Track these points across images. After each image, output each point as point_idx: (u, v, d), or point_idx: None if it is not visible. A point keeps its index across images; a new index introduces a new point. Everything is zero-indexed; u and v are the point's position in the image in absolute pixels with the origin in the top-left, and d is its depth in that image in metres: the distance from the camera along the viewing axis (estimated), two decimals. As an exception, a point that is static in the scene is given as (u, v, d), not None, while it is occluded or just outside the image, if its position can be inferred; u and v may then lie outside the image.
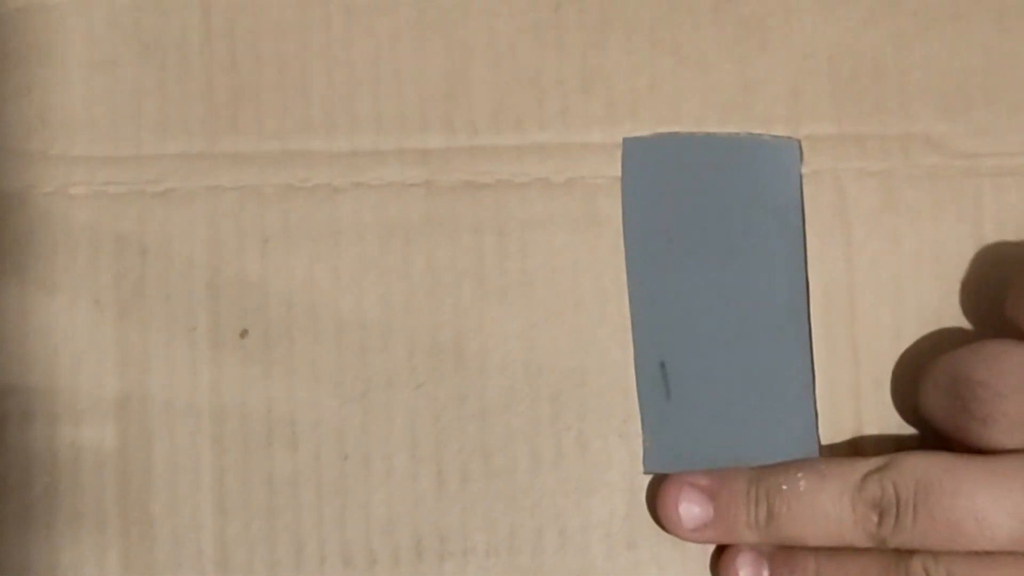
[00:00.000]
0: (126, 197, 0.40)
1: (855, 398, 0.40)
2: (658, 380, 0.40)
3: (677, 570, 0.40)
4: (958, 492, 0.37)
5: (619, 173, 0.41)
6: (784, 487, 0.38)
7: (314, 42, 0.40)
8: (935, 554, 0.37)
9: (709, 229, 0.41)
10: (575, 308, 0.40)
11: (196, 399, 0.39)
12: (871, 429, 0.40)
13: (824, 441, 0.40)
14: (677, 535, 0.39)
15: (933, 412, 0.38)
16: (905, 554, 0.37)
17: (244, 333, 0.39)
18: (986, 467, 0.37)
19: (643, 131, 0.41)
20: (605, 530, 0.40)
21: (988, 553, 0.37)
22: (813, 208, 0.41)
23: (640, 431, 0.40)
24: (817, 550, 0.39)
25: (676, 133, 0.41)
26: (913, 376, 0.40)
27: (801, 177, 0.41)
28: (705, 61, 0.41)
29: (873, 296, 0.41)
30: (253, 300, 0.40)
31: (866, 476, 0.38)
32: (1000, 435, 0.37)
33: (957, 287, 0.41)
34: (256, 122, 0.40)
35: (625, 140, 0.41)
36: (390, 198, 0.40)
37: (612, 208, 0.41)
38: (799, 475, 0.38)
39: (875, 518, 0.37)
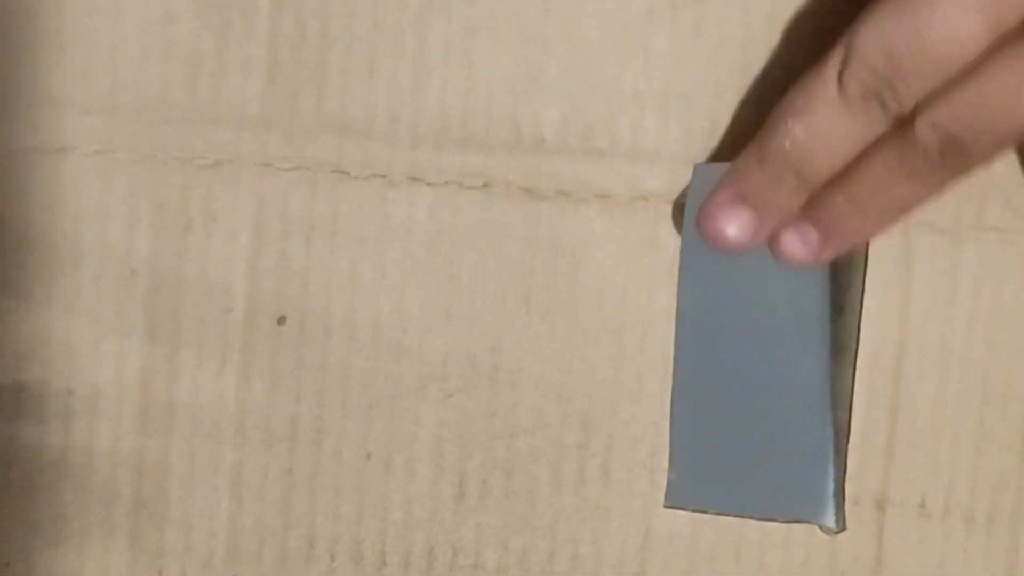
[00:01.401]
0: (172, 165, 0.38)
1: (887, 456, 0.40)
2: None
3: (682, 605, 0.40)
4: (918, 29, 0.35)
5: (684, 199, 0.39)
6: (787, 144, 0.37)
7: (386, 24, 0.38)
8: (932, 103, 0.35)
9: (766, 269, 0.39)
10: (617, 334, 0.39)
11: (223, 382, 0.38)
12: (897, 490, 0.40)
13: (849, 494, 0.40)
14: (740, 250, 0.38)
15: None
16: (907, 125, 0.36)
17: (282, 320, 0.38)
18: None
19: (716, 158, 0.39)
20: (617, 559, 0.40)
21: (978, 73, 0.35)
22: (877, 258, 0.40)
23: (666, 465, 0.40)
24: (834, 181, 0.37)
25: (749, 164, 0.39)
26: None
27: (870, 224, 0.40)
28: (791, 90, 0.39)
29: (920, 356, 0.40)
30: (293, 288, 0.38)
31: (842, 82, 0.36)
32: None
33: (1008, 359, 0.40)
34: (316, 101, 0.38)
35: (695, 166, 0.39)
36: (445, 198, 0.39)
37: (671, 236, 0.39)
38: (791, 126, 0.37)
39: (876, 105, 0.36)
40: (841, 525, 0.40)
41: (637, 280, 0.39)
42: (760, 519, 0.40)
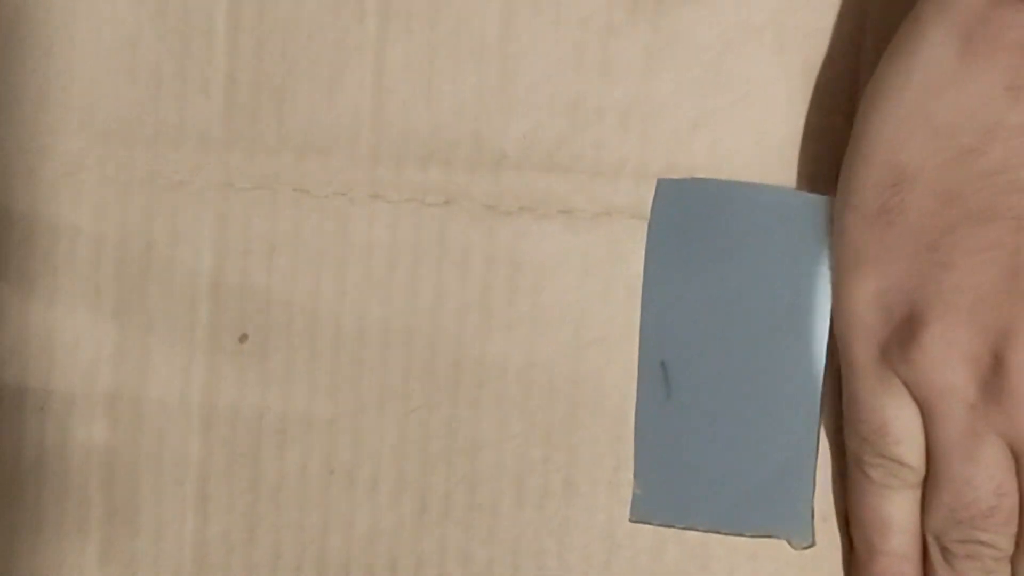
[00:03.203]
0: (136, 186, 0.39)
1: (858, 471, 0.40)
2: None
3: (647, 619, 0.40)
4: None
5: (647, 214, 0.39)
6: None
7: (346, 42, 0.38)
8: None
9: (732, 287, 0.39)
10: (580, 351, 0.39)
11: (189, 399, 0.39)
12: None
13: (818, 511, 0.39)
14: None
15: None
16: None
17: (244, 338, 0.39)
18: None
19: (680, 173, 0.39)
20: (582, 572, 0.40)
21: None
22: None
23: (631, 480, 0.40)
24: None
25: (713, 179, 0.39)
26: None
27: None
28: (761, 104, 0.39)
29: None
30: (255, 305, 0.39)
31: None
32: None
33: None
34: (277, 121, 0.39)
35: (659, 181, 0.39)
36: (406, 215, 0.39)
37: (635, 252, 0.39)
38: None
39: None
40: (810, 541, 0.40)
41: (598, 298, 0.39)
42: (727, 534, 0.40)
